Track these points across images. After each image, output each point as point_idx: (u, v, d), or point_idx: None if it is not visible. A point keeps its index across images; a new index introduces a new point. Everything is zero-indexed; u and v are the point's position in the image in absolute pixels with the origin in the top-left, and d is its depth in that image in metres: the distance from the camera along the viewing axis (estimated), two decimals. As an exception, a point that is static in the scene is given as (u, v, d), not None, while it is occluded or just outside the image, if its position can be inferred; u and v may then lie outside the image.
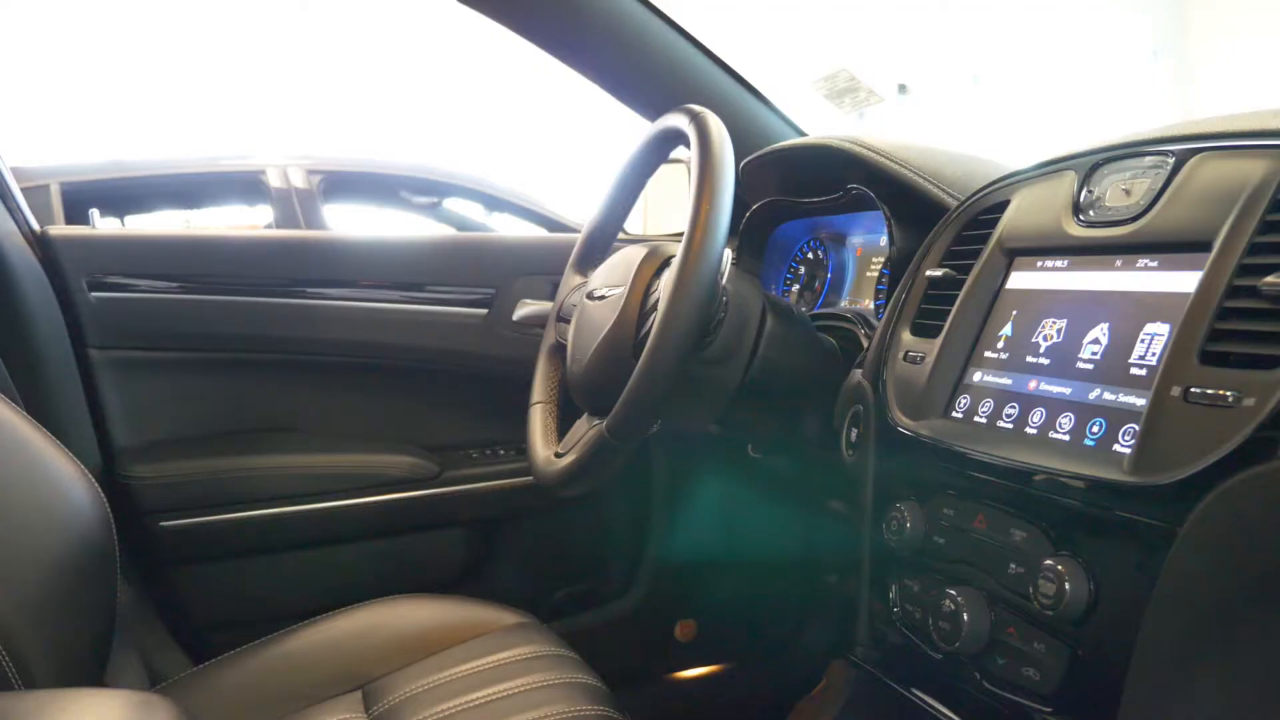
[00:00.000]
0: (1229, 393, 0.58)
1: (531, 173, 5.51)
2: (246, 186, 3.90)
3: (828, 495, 1.10)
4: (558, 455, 1.05)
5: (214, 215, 4.18)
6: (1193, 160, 0.70)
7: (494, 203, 4.30)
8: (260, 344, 1.40)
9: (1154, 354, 0.66)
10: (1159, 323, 0.67)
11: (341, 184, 4.03)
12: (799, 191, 1.25)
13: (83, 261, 1.32)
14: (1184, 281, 0.66)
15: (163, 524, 1.33)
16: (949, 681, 0.75)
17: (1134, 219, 0.72)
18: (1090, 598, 0.63)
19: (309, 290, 1.41)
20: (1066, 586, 0.64)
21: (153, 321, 1.35)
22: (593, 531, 1.61)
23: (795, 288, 1.33)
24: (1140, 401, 0.65)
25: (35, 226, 1.31)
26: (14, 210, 1.28)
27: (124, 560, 1.06)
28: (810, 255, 1.32)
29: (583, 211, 4.01)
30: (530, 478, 1.41)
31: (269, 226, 3.76)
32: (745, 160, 1.29)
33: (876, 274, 1.19)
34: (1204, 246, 0.65)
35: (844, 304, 1.24)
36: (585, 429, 1.02)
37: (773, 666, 1.59)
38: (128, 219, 3.83)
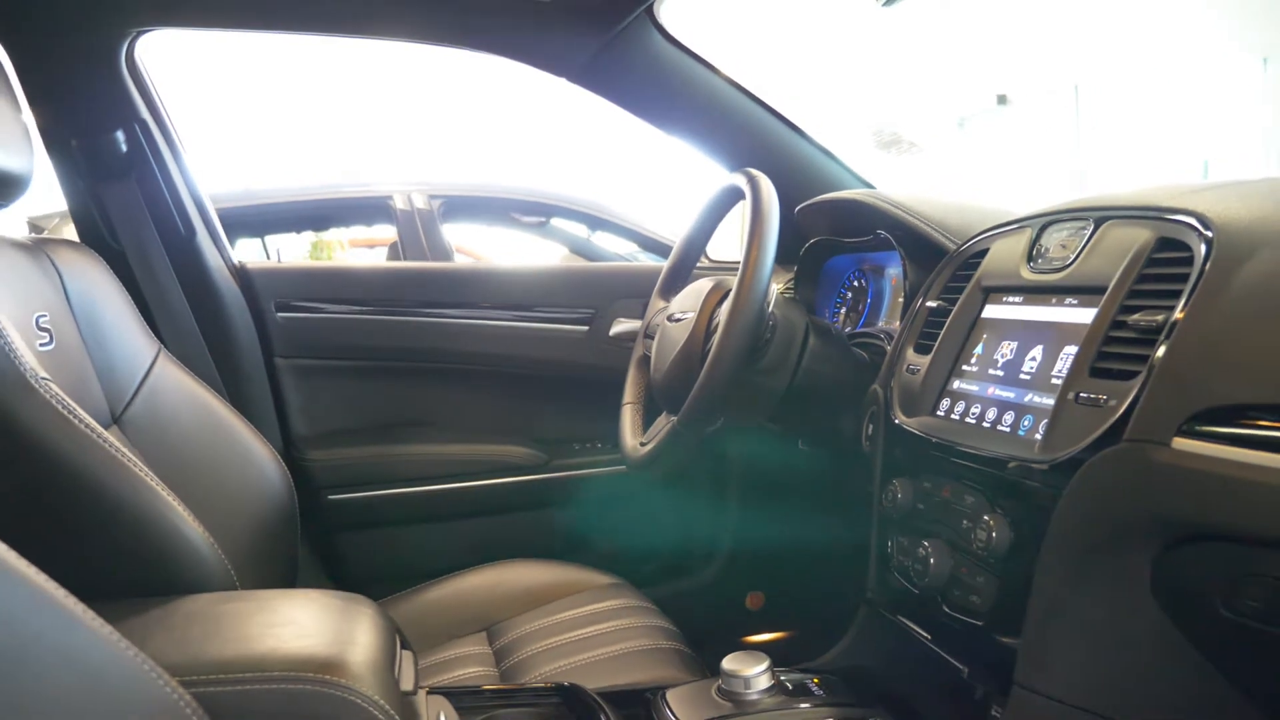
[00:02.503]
0: (1103, 396, 0.83)
1: (630, 193, 5.81)
2: (375, 210, 4.29)
3: (864, 483, 1.35)
4: (642, 444, 1.32)
5: (341, 234, 4.58)
6: (1105, 224, 0.95)
7: (596, 222, 4.59)
8: (407, 355, 1.73)
9: (1065, 368, 0.90)
10: (1071, 345, 0.91)
11: (458, 206, 4.38)
12: (842, 233, 1.51)
13: (271, 289, 1.67)
14: (1088, 316, 0.90)
15: (330, 497, 1.67)
16: (924, 610, 1.01)
17: (1064, 267, 0.97)
18: (1010, 542, 0.89)
19: (445, 311, 1.73)
20: (994, 535, 0.89)
21: (324, 336, 1.70)
22: (676, 514, 1.88)
23: (843, 310, 1.58)
24: (1051, 402, 0.90)
25: (235, 261, 1.67)
26: (222, 249, 1.64)
27: (300, 525, 1.38)
28: (856, 283, 1.57)
29: (674, 227, 4.29)
30: (623, 467, 1.71)
31: (394, 245, 4.16)
32: (800, 206, 1.56)
33: (903, 301, 1.44)
34: (1102, 290, 0.89)
35: (880, 325, 1.48)
36: (664, 423, 1.29)
37: (833, 635, 1.84)
38: (268, 239, 4.28)
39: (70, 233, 1.62)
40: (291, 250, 5.06)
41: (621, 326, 1.57)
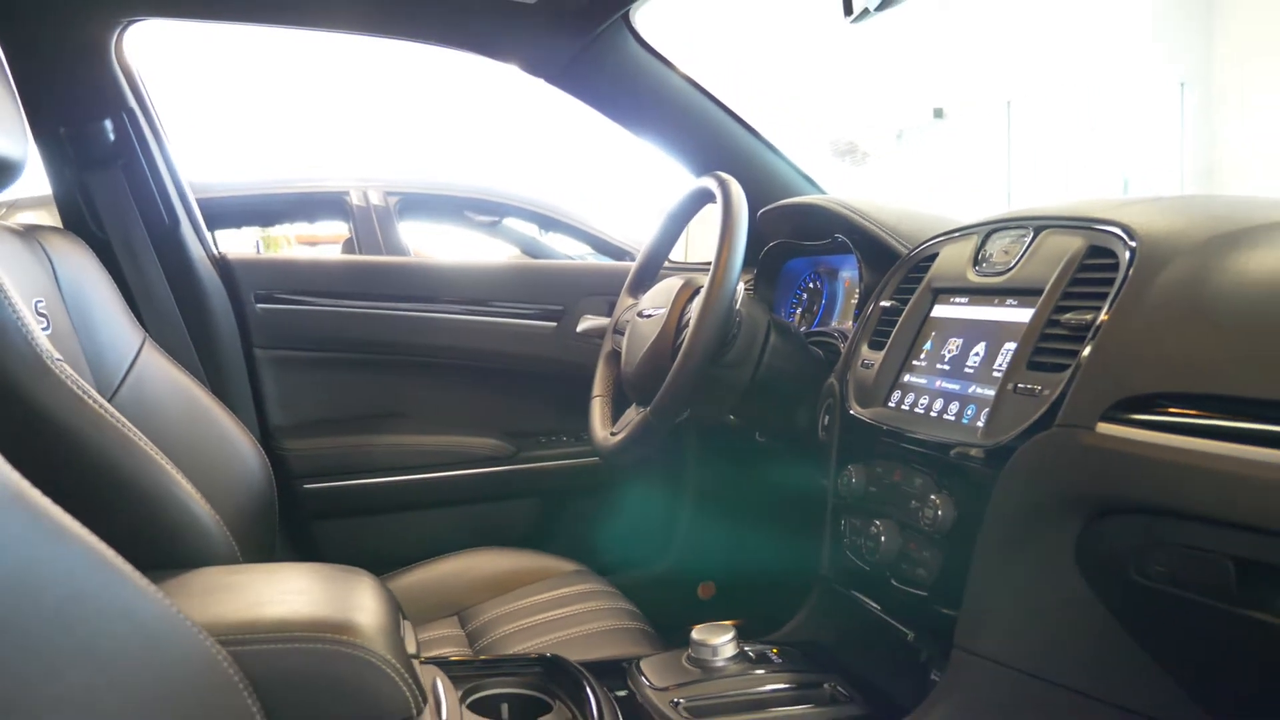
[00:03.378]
0: (1038, 387, 0.93)
1: (583, 195, 5.88)
2: (329, 206, 4.31)
3: (817, 473, 1.44)
4: (613, 434, 1.40)
5: (287, 230, 4.57)
6: (1043, 233, 1.05)
7: (549, 223, 4.66)
8: (382, 348, 1.79)
9: (1005, 362, 1.01)
10: (1011, 342, 1.01)
11: (414, 204, 4.42)
12: (801, 236, 1.60)
13: (252, 280, 1.72)
14: (1026, 315, 1.00)
15: (306, 486, 1.72)
16: (874, 584, 1.11)
17: (1006, 271, 1.07)
18: (953, 520, 0.98)
19: (420, 305, 1.79)
20: (939, 514, 0.99)
21: (303, 328, 1.75)
22: (635, 506, 1.96)
23: (799, 310, 1.68)
24: (992, 393, 1.00)
25: (217, 252, 1.71)
26: (204, 240, 1.68)
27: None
28: (812, 285, 1.67)
29: (627, 231, 4.39)
30: (587, 459, 1.79)
31: (348, 241, 4.19)
32: (762, 210, 1.65)
33: (856, 302, 1.54)
34: (1039, 292, 1.00)
35: (834, 324, 1.58)
36: (634, 415, 1.37)
37: (782, 619, 1.93)
38: (217, 233, 4.26)
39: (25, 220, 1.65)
40: (236, 246, 5.02)
41: (589, 323, 1.64)
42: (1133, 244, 0.92)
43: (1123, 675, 0.94)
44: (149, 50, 1.62)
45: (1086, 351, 0.89)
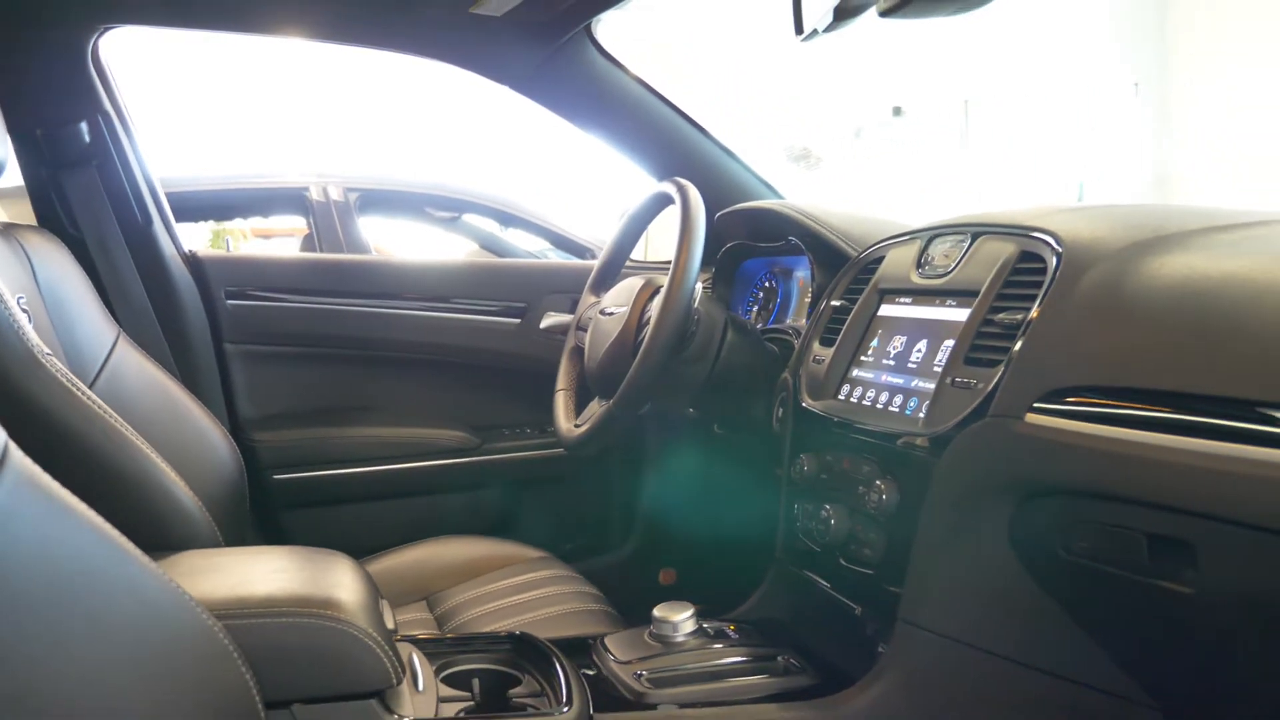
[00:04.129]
0: (973, 380, 1.01)
1: (542, 192, 5.92)
2: (289, 201, 4.32)
3: (772, 463, 1.52)
4: (577, 426, 1.47)
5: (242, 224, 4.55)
6: (980, 238, 1.13)
7: (508, 219, 4.71)
8: (350, 343, 1.84)
9: (944, 358, 1.09)
10: (950, 339, 1.09)
11: (374, 200, 4.45)
12: (756, 238, 1.68)
13: (222, 277, 1.76)
14: (964, 315, 1.08)
15: (275, 476, 1.76)
16: (825, 564, 1.18)
17: (946, 274, 1.15)
18: (897, 503, 1.06)
19: (387, 302, 1.84)
20: (884, 497, 1.07)
21: (271, 324, 1.79)
22: (596, 496, 2.03)
23: (755, 308, 1.75)
24: (932, 386, 1.08)
25: (187, 250, 1.75)
26: (174, 239, 1.71)
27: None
28: (767, 284, 1.74)
29: (587, 228, 4.45)
30: (551, 451, 1.85)
31: (308, 236, 4.20)
32: (719, 213, 1.72)
33: (809, 300, 1.62)
34: (976, 293, 1.08)
35: (789, 321, 1.66)
36: (597, 408, 1.44)
37: (740, 601, 2.01)
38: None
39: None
40: (191, 240, 4.99)
41: (552, 320, 1.70)
42: (1059, 250, 1.01)
43: (1052, 643, 1.03)
44: (113, 48, 1.65)
45: (1017, 348, 0.97)
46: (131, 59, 1.86)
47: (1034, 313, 0.98)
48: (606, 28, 1.67)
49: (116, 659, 0.68)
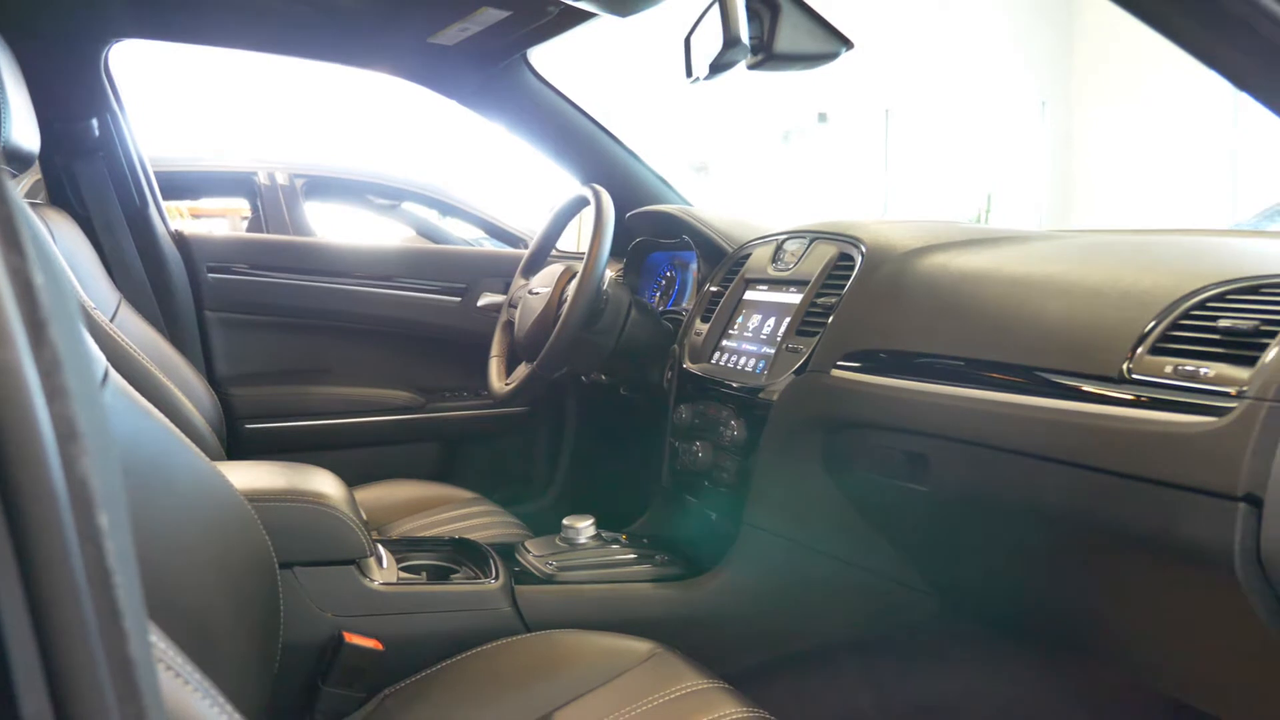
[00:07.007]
0: (800, 347, 1.38)
1: (478, 185, 6.22)
2: (236, 184, 4.55)
3: (661, 414, 1.87)
4: (506, 385, 1.80)
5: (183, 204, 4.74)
6: (815, 241, 1.51)
7: (447, 208, 5.00)
8: (315, 314, 2.15)
9: (782, 331, 1.45)
10: (788, 317, 1.46)
11: (319, 186, 4.70)
12: (660, 235, 2.04)
13: (205, 254, 2.05)
14: (798, 299, 1.45)
15: (248, 426, 2.06)
16: (697, 486, 1.55)
17: (791, 267, 1.52)
18: (746, 438, 1.43)
19: (347, 280, 2.16)
20: (737, 434, 1.43)
21: (247, 295, 2.09)
22: (523, 450, 2.37)
23: (658, 294, 2.11)
24: (773, 351, 1.44)
25: (174, 229, 2.04)
26: (164, 219, 2.01)
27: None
28: (668, 274, 2.10)
29: (518, 218, 4.77)
30: (485, 410, 2.17)
31: (245, 219, 4.45)
32: (630, 213, 2.07)
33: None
34: (807, 283, 1.45)
35: (685, 305, 2.02)
36: (523, 370, 1.77)
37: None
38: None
39: None
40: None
41: (488, 299, 2.03)
42: (863, 251, 1.38)
43: (853, 540, 1.40)
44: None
45: (829, 323, 1.34)
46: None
47: (842, 298, 1.35)
48: (541, 54, 2.01)
49: (186, 520, 0.99)
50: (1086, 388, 0.97)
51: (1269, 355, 0.83)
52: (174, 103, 6.71)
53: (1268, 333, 0.85)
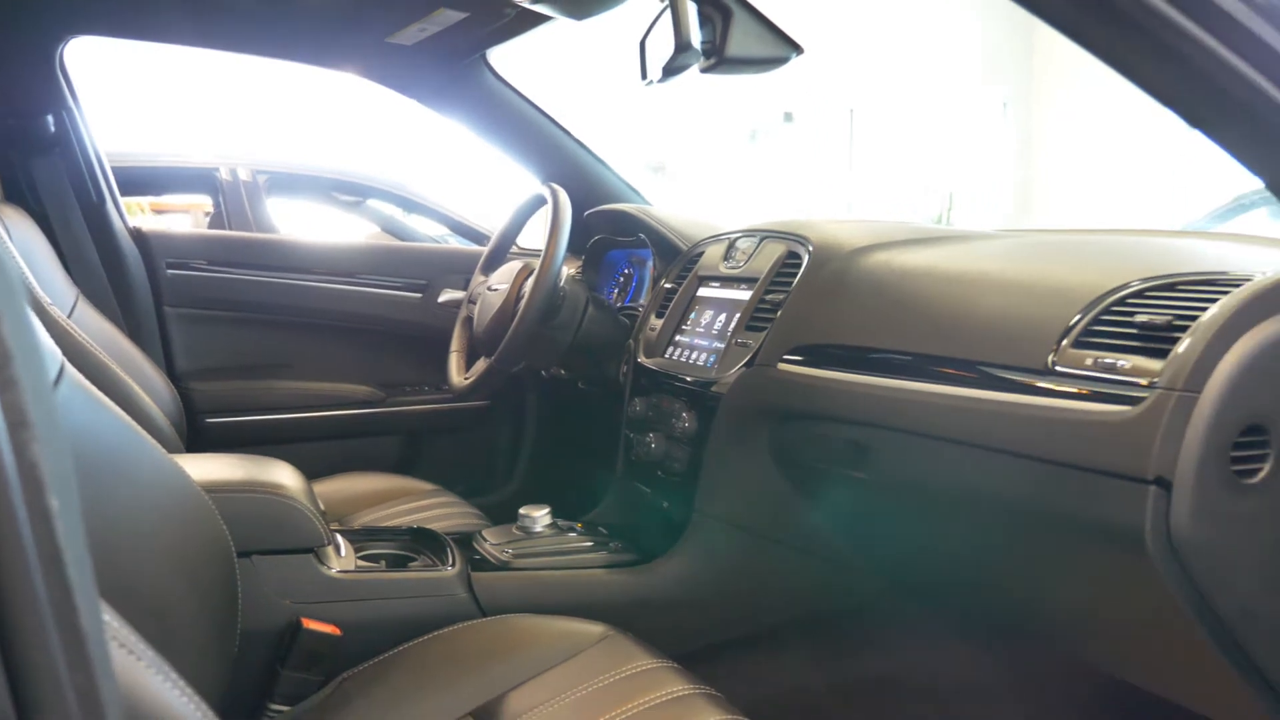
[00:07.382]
0: (749, 341, 1.43)
1: (441, 181, 6.22)
2: (198, 180, 4.52)
3: (617, 408, 1.91)
4: (465, 379, 1.83)
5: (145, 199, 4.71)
6: (765, 240, 1.55)
7: (410, 205, 5.00)
8: (276, 310, 2.16)
9: (733, 327, 1.50)
10: (738, 313, 1.50)
11: (282, 182, 4.68)
12: (618, 233, 2.07)
13: (164, 250, 2.06)
14: (748, 295, 1.50)
15: (208, 420, 2.08)
16: (649, 475, 1.59)
17: (742, 265, 1.57)
18: (696, 429, 1.47)
19: (307, 276, 2.18)
20: (688, 425, 1.48)
21: (206, 291, 2.10)
22: (483, 444, 2.39)
23: (616, 290, 2.15)
24: (723, 346, 1.49)
25: (132, 225, 2.05)
26: (122, 215, 2.01)
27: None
28: (626, 271, 2.14)
29: (482, 214, 4.79)
30: (444, 404, 2.20)
31: (207, 215, 4.43)
32: (589, 211, 2.11)
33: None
34: (756, 280, 1.49)
35: (641, 301, 2.05)
36: (482, 365, 1.80)
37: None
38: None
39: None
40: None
41: (448, 295, 2.06)
42: (810, 250, 1.43)
43: (798, 525, 1.45)
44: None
45: (777, 318, 1.39)
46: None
47: (789, 295, 1.40)
48: (500, 54, 2.04)
49: (143, 510, 1.01)
50: (1015, 379, 1.02)
51: (1180, 348, 0.88)
52: (137, 99, 6.65)
53: (1180, 327, 0.91)
